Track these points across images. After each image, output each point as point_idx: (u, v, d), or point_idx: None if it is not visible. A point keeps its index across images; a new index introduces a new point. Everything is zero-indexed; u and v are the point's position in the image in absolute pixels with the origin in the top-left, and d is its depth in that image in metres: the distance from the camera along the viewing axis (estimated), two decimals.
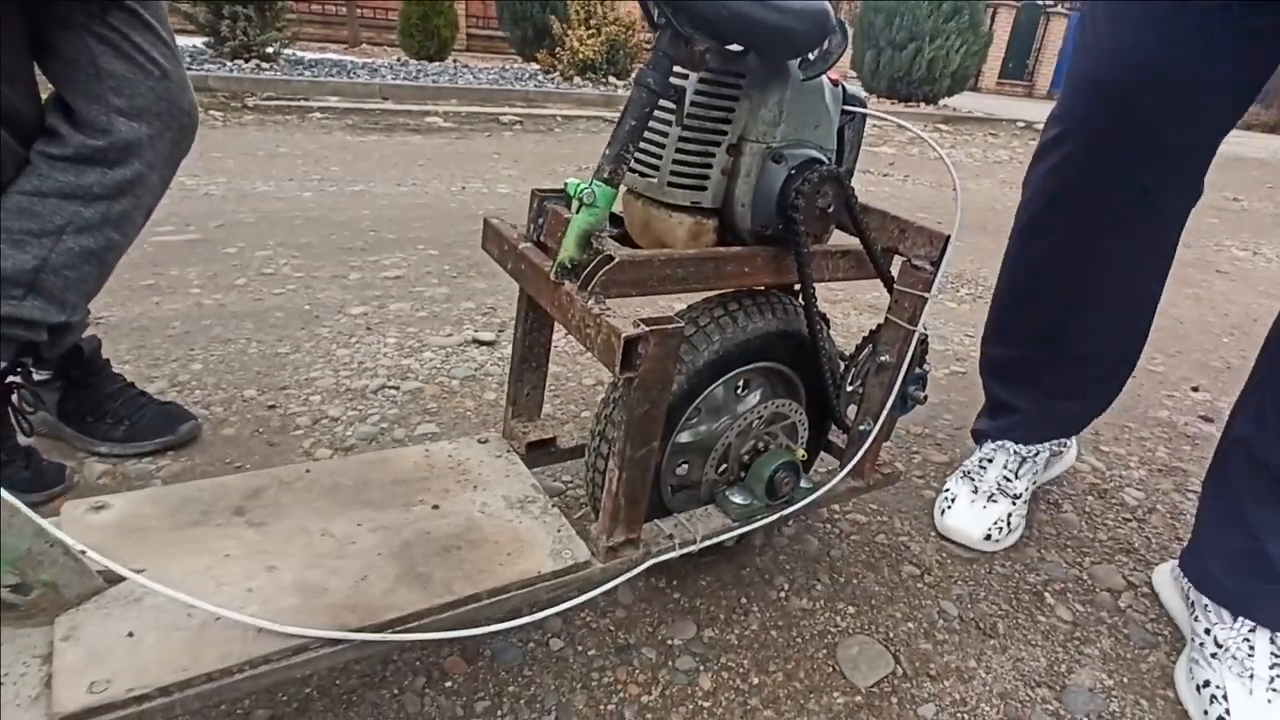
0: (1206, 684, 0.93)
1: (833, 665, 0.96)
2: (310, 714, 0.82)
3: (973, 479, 1.28)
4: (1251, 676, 0.90)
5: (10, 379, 1.14)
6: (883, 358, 1.00)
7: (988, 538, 1.20)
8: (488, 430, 1.41)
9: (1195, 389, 1.98)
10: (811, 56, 0.82)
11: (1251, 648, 0.92)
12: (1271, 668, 0.91)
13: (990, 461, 1.30)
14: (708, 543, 0.92)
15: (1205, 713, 0.91)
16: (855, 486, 1.09)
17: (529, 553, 0.81)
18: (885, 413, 1.01)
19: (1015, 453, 1.29)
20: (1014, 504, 1.24)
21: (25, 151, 1.03)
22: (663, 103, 0.82)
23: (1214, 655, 0.94)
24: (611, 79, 7.70)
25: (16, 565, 0.61)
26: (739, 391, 0.99)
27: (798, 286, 0.92)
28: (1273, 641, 0.93)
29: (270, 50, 6.36)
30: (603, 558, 0.83)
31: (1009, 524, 1.22)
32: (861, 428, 1.05)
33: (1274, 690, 0.90)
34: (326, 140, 4.19)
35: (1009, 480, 1.27)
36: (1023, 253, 1.22)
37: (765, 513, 0.97)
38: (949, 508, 1.25)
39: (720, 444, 0.96)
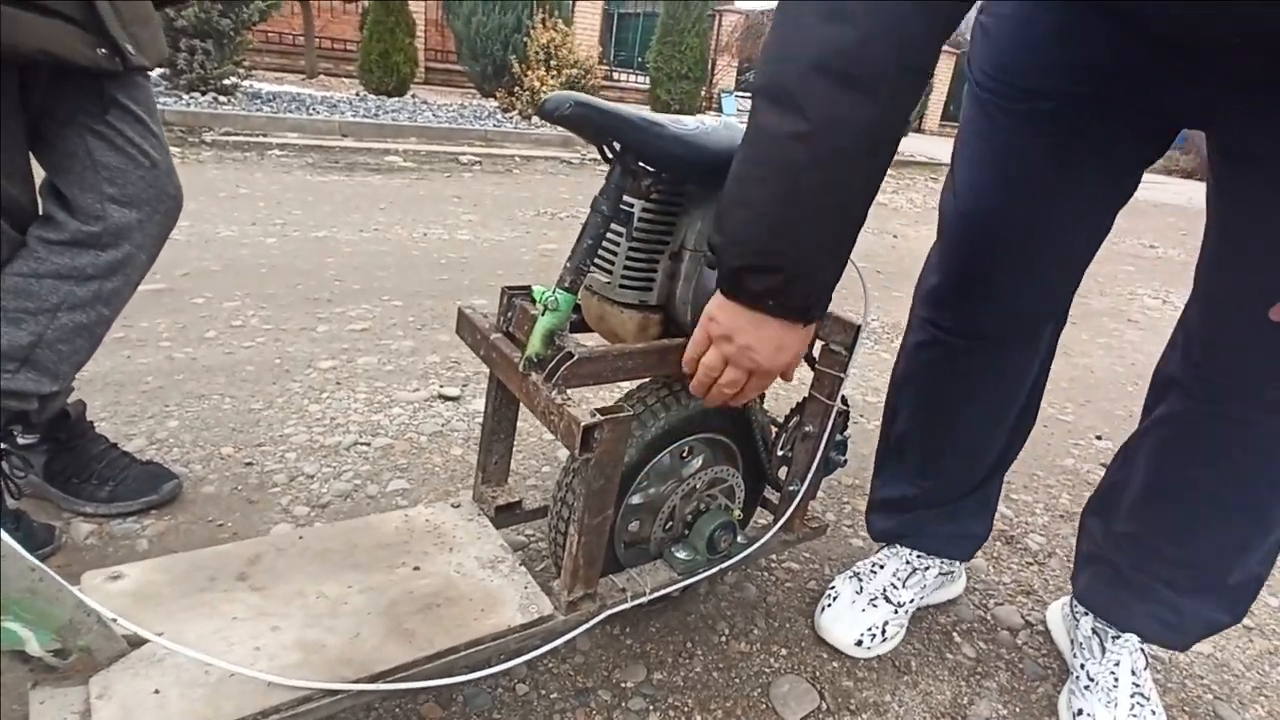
0: (1080, 712, 1.09)
1: (766, 703, 1.09)
2: None
3: (860, 580, 1.28)
4: (1114, 704, 1.07)
5: (1, 446, 1.22)
6: (807, 428, 1.16)
7: (859, 643, 1.19)
8: (454, 485, 1.52)
9: (1099, 437, 2.20)
10: None
11: (1116, 680, 1.09)
12: (1132, 696, 1.08)
13: (882, 567, 1.29)
14: (656, 594, 1.05)
15: None
16: (787, 539, 1.24)
17: (500, 608, 0.93)
18: (810, 475, 1.16)
19: (907, 561, 1.29)
20: (895, 612, 1.23)
21: (21, 236, 1.13)
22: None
23: (1086, 687, 1.10)
24: None
25: (59, 633, 0.71)
26: (683, 458, 1.13)
27: None
28: (1133, 673, 1.09)
29: (228, 83, 6.39)
30: (565, 611, 0.96)
31: (884, 633, 1.21)
32: (791, 488, 1.19)
33: (1133, 715, 1.06)
34: (287, 180, 4.25)
35: (895, 588, 1.26)
36: (898, 404, 1.26)
37: (706, 566, 1.11)
38: (829, 605, 1.25)
39: (667, 505, 1.09)
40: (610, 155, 0.89)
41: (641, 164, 0.90)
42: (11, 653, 0.71)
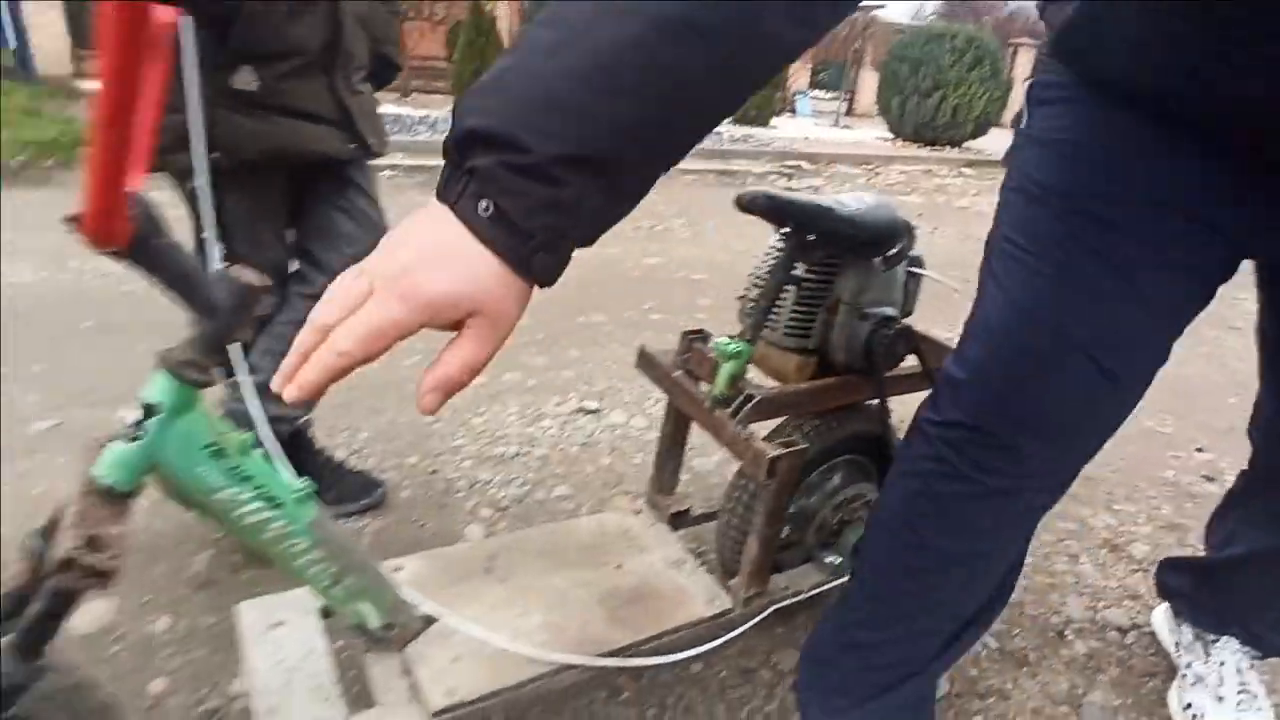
0: (1189, 706, 1.23)
1: None
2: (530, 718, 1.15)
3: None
4: (1221, 700, 1.20)
5: None
6: None
7: None
8: (608, 491, 1.74)
9: (1200, 449, 2.27)
10: (891, 252, 1.15)
11: (1222, 678, 1.22)
12: (1239, 692, 1.21)
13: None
14: (814, 592, 1.24)
15: None
16: None
17: (690, 602, 1.14)
18: None
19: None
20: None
21: (283, 291, 1.40)
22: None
23: (1194, 684, 1.24)
24: None
25: (387, 613, 0.95)
26: (830, 477, 1.32)
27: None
28: (1239, 671, 1.23)
29: None
30: (741, 605, 1.16)
31: None
32: None
33: (1240, 710, 1.20)
34: (403, 201, 4.58)
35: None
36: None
37: (850, 569, 1.29)
38: None
39: (818, 517, 1.28)
40: (788, 233, 1.09)
41: (812, 239, 1.09)
42: (355, 626, 0.95)
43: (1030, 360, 0.86)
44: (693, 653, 1.10)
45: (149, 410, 0.71)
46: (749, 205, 1.01)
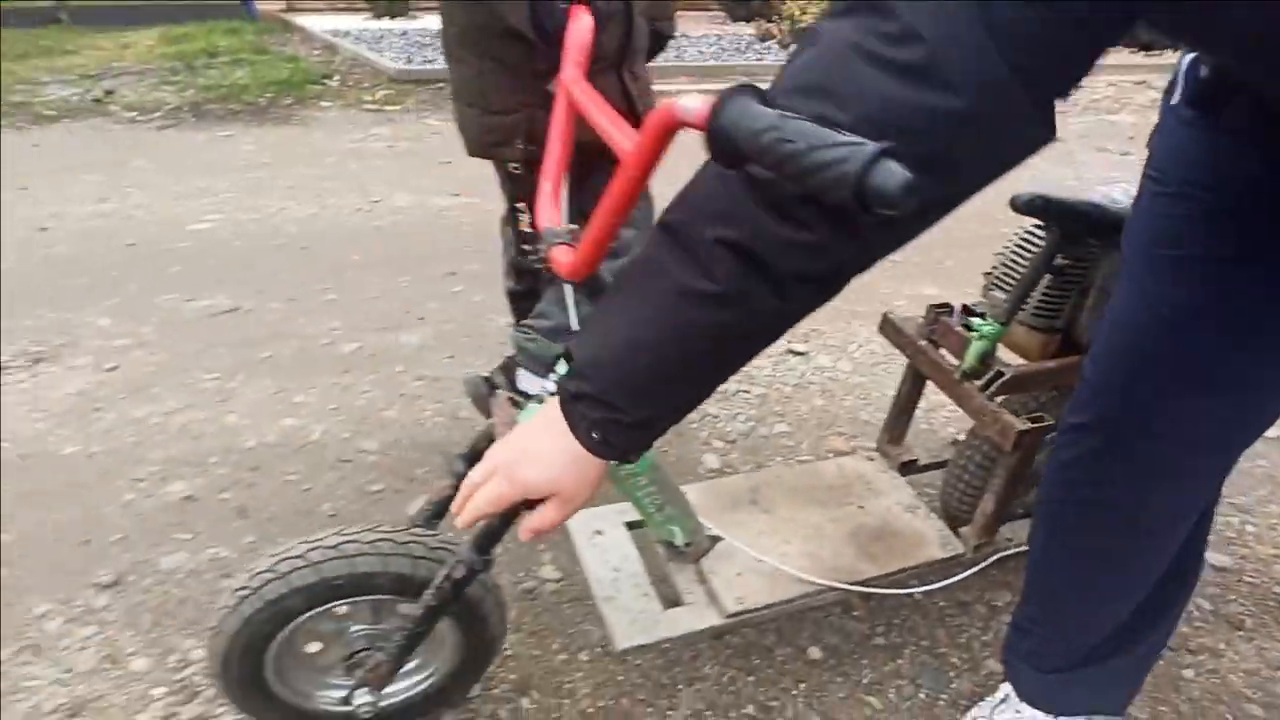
0: None
1: None
2: (780, 629, 1.38)
3: None
4: None
5: None
6: None
7: None
8: (823, 431, 1.92)
9: None
10: None
11: None
12: None
13: None
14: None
15: None
16: None
17: (926, 544, 1.32)
18: None
19: None
20: None
21: None
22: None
23: None
24: None
25: (689, 533, 1.20)
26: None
27: None
28: None
29: None
30: (971, 551, 1.32)
31: None
32: None
33: None
34: None
35: None
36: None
37: None
38: None
39: (1032, 476, 1.40)
40: (1049, 226, 1.17)
41: (1078, 231, 1.17)
42: (664, 542, 1.20)
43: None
44: (933, 587, 1.29)
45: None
46: (1026, 208, 1.10)
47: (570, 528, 1.29)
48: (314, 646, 1.07)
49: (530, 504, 0.73)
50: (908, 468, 1.51)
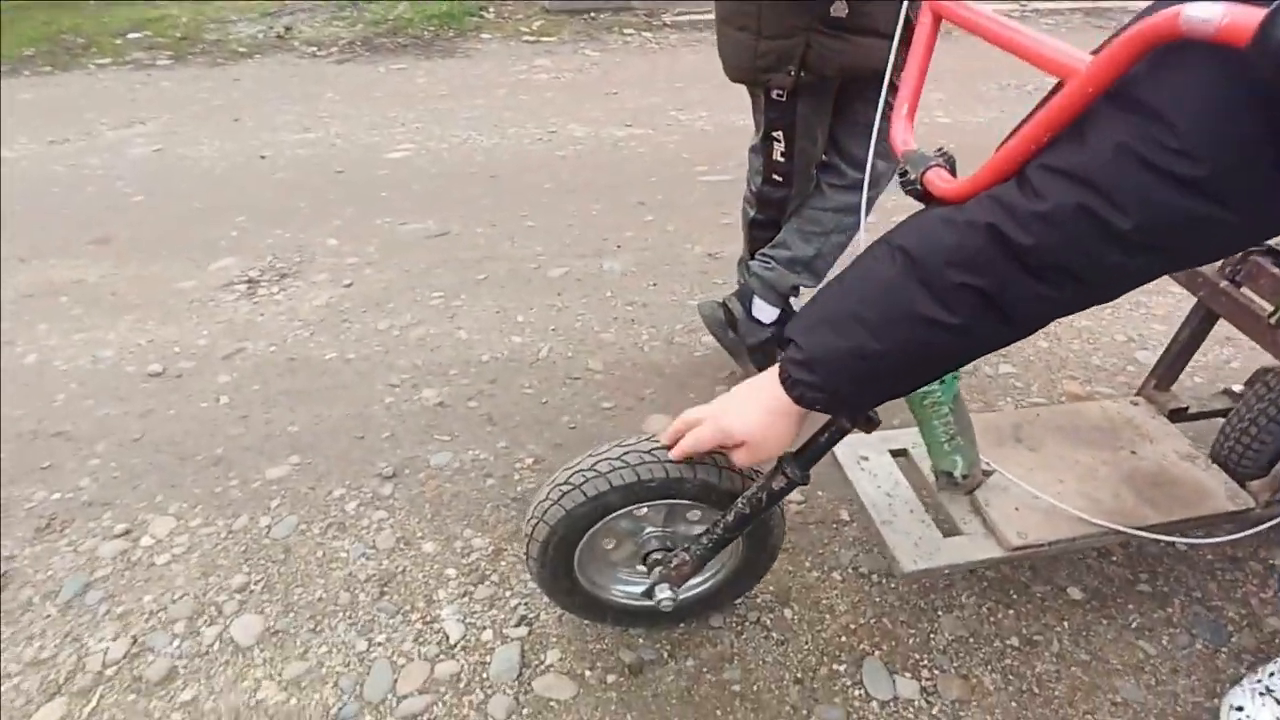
0: None
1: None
2: (1034, 566, 1.36)
3: None
4: None
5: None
6: None
7: None
8: (1052, 374, 1.85)
9: None
10: None
11: None
12: None
13: None
14: None
15: None
16: None
17: (1211, 496, 1.26)
18: None
19: None
20: None
21: (816, 179, 1.62)
22: None
23: None
24: None
25: (970, 464, 1.19)
26: None
27: None
28: None
29: None
30: (1261, 506, 1.25)
31: None
32: None
33: None
34: None
35: None
36: None
37: None
38: None
39: None
40: None
41: None
42: (943, 472, 1.20)
43: None
44: (1224, 539, 1.23)
45: None
46: None
47: (836, 453, 1.30)
48: (610, 544, 1.15)
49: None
50: (1178, 415, 1.44)
